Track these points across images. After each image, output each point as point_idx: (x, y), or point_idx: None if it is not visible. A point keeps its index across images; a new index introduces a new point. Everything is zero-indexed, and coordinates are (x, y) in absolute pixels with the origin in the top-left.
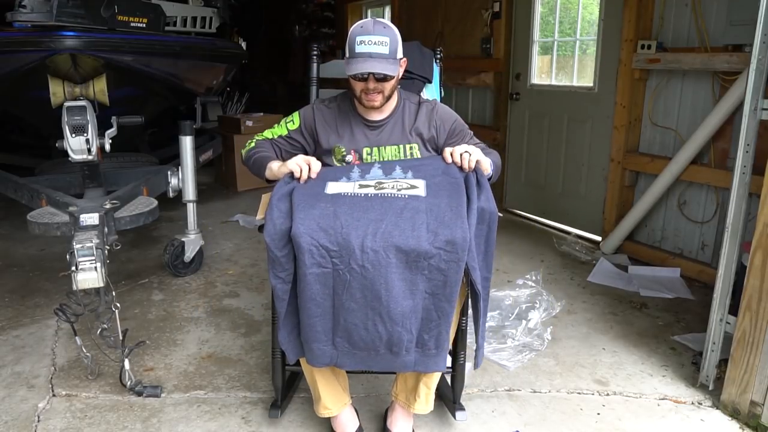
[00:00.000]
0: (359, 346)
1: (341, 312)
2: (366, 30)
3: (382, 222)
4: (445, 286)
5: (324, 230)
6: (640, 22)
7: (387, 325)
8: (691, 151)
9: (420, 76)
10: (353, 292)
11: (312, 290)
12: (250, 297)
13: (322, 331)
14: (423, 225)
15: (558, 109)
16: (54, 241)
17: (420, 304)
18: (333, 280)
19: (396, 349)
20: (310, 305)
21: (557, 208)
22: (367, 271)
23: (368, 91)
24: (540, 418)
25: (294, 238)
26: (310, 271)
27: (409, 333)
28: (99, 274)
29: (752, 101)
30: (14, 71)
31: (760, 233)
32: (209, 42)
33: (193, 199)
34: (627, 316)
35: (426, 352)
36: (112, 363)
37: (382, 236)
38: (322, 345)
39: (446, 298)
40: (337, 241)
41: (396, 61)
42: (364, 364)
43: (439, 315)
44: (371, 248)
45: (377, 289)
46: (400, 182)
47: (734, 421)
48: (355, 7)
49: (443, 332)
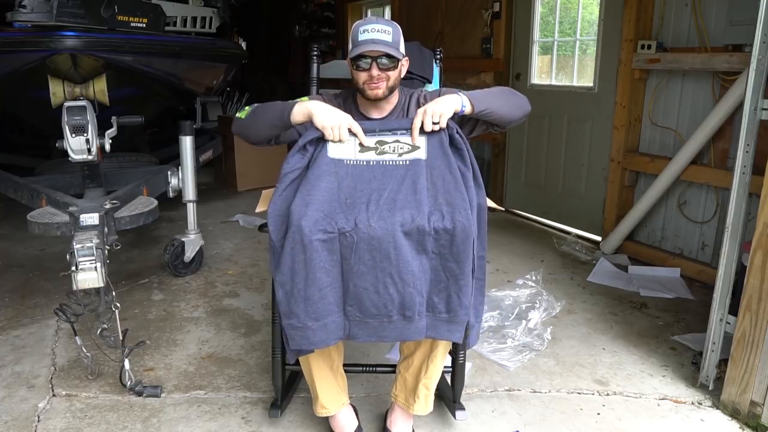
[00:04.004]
0: (371, 312)
1: (351, 277)
2: (369, 21)
3: (385, 190)
4: (451, 245)
5: (328, 201)
6: (640, 22)
7: (398, 286)
8: (691, 151)
9: (420, 76)
10: (361, 254)
11: (320, 258)
12: (250, 297)
13: (333, 301)
14: (424, 188)
15: (558, 109)
16: (54, 241)
17: (427, 264)
18: (340, 245)
19: (409, 313)
20: (320, 275)
21: (557, 208)
22: (374, 230)
23: (372, 80)
24: (540, 418)
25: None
26: (316, 238)
27: (420, 295)
28: (99, 274)
29: (752, 101)
30: (14, 71)
31: (760, 233)
32: (209, 42)
33: (193, 199)
34: (627, 316)
35: (438, 316)
36: (112, 363)
37: (386, 201)
38: (334, 317)
39: (453, 258)
40: (341, 208)
41: (399, 51)
42: (377, 334)
43: (447, 276)
44: (376, 210)
45: (386, 248)
46: (402, 142)
47: (734, 421)
48: (355, 7)
49: (453, 295)
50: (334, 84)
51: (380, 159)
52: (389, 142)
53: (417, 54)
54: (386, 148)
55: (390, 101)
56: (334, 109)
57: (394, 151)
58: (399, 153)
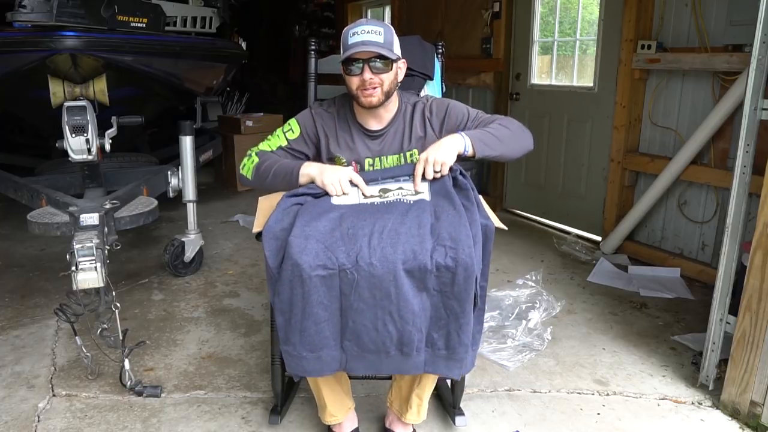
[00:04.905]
0: (369, 348)
1: (349, 314)
2: (358, 23)
3: (389, 220)
4: (453, 284)
5: (330, 232)
6: (640, 22)
7: (398, 324)
8: (691, 151)
9: (420, 72)
10: (361, 291)
11: (319, 293)
12: (250, 297)
13: (330, 335)
14: (428, 223)
15: (558, 109)
16: (54, 241)
17: (428, 301)
18: (339, 281)
19: (407, 349)
20: (318, 310)
21: (557, 208)
22: (375, 268)
23: (365, 86)
24: (540, 418)
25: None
26: (315, 274)
27: (419, 332)
28: (99, 274)
29: (752, 101)
30: (14, 71)
31: (760, 233)
32: (209, 42)
33: (193, 199)
34: (627, 316)
35: (436, 352)
36: (112, 363)
37: (389, 234)
38: (331, 351)
39: (455, 296)
40: (343, 240)
41: (392, 52)
42: (374, 367)
43: (447, 314)
44: (379, 245)
45: (386, 287)
46: (405, 188)
47: (734, 421)
48: (355, 7)
49: (452, 333)
50: (333, 80)
51: (384, 200)
52: (392, 189)
53: (417, 49)
54: (389, 195)
55: (388, 109)
56: (333, 167)
57: (398, 194)
58: (403, 195)
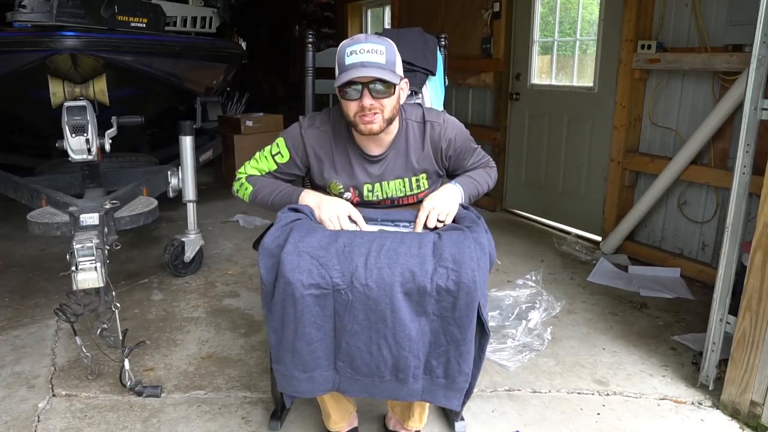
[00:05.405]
0: (362, 371)
1: (343, 335)
2: (357, 40)
3: (387, 239)
4: (454, 308)
5: (324, 248)
6: (640, 22)
7: (393, 349)
8: (691, 151)
9: (422, 68)
10: (356, 313)
11: (311, 313)
12: (250, 297)
13: (323, 356)
14: (430, 243)
15: (558, 109)
16: (54, 241)
17: (427, 326)
18: (333, 301)
19: (402, 375)
20: (310, 330)
21: (557, 208)
22: (370, 290)
23: (364, 112)
24: (540, 418)
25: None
26: (308, 293)
27: (417, 358)
28: (99, 274)
29: (752, 101)
30: (14, 71)
31: (760, 233)
32: (209, 42)
33: (193, 199)
34: (627, 316)
35: (434, 380)
36: (112, 363)
37: (387, 253)
38: (324, 371)
39: (456, 322)
40: (338, 258)
41: (395, 74)
42: (368, 391)
43: (447, 340)
44: (375, 265)
45: (382, 309)
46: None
47: (734, 421)
48: (355, 7)
49: (452, 360)
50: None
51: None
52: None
53: (419, 42)
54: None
55: (389, 131)
56: (332, 200)
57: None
58: None
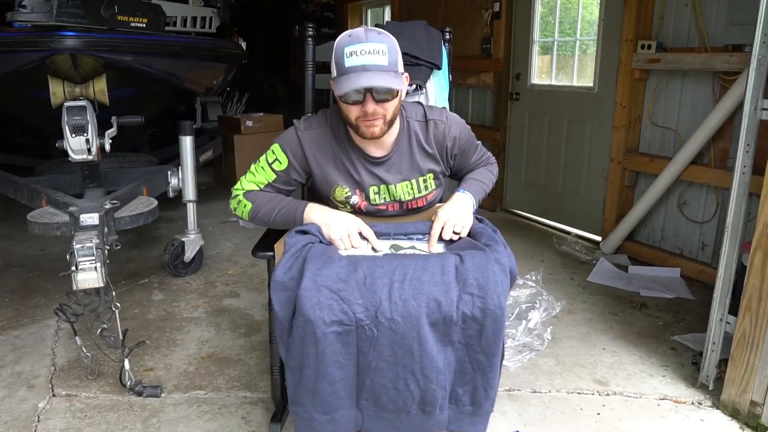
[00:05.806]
0: (388, 408)
1: (367, 372)
2: (356, 38)
3: (409, 267)
4: (480, 336)
5: (344, 281)
6: (640, 22)
7: (420, 383)
8: (691, 151)
9: (427, 61)
10: (382, 349)
11: (334, 351)
12: (250, 297)
13: (345, 395)
14: (452, 267)
15: (558, 109)
16: (54, 241)
17: (453, 355)
18: (357, 338)
19: (429, 408)
20: (333, 369)
21: (557, 208)
22: (396, 324)
23: (366, 117)
24: (540, 418)
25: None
26: (330, 330)
27: (443, 389)
28: (99, 274)
29: (752, 101)
30: (14, 71)
31: (760, 233)
32: (209, 42)
33: (193, 199)
34: (627, 316)
35: (461, 408)
36: (112, 363)
37: (410, 283)
38: (346, 411)
39: (482, 350)
40: (360, 291)
41: (398, 75)
42: (393, 426)
43: (474, 368)
44: (400, 297)
45: (409, 344)
46: (418, 248)
47: (734, 421)
48: (355, 7)
49: (479, 387)
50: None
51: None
52: (404, 248)
53: (423, 36)
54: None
55: (391, 132)
56: (341, 215)
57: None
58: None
